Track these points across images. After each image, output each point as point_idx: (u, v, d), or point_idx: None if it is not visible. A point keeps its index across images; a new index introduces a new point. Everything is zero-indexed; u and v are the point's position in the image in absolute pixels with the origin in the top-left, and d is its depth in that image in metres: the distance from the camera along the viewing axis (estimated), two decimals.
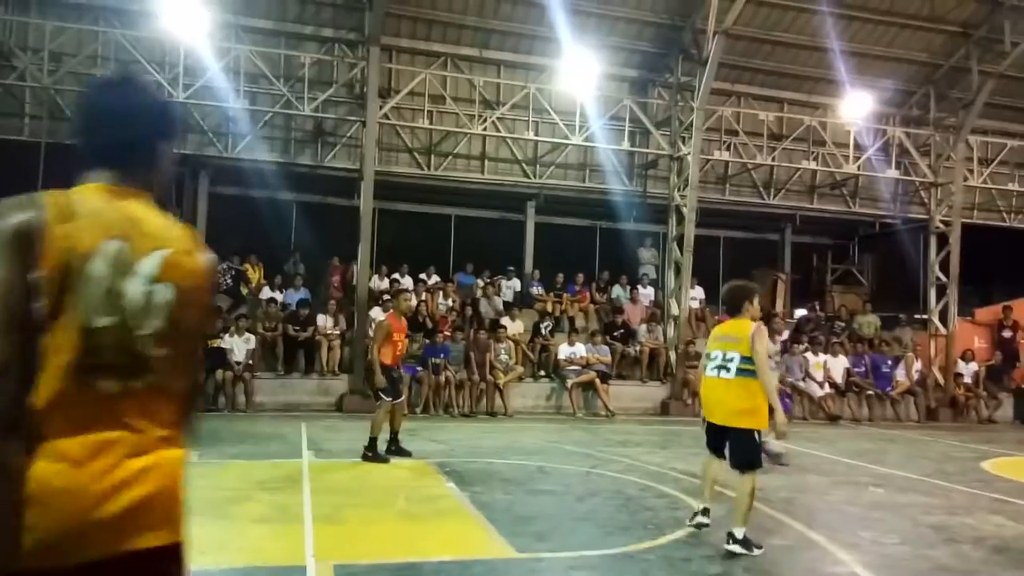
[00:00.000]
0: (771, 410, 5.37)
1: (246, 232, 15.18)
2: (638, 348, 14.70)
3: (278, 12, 14.44)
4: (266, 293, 14.01)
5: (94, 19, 13.60)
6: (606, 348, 14.14)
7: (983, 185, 17.08)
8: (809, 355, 14.89)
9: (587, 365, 13.68)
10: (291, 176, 15.13)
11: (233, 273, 14.21)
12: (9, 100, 13.60)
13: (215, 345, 12.10)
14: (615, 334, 14.76)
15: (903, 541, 5.85)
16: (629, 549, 5.24)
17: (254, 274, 14.60)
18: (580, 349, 13.82)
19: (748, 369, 5.31)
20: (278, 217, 15.68)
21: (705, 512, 5.77)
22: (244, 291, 14.21)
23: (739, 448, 5.40)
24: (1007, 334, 16.47)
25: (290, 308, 13.61)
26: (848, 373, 14.82)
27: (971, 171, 16.76)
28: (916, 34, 15.78)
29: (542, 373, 14.14)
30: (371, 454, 8.15)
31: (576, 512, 6.32)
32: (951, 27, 15.63)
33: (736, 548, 5.18)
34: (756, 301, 5.80)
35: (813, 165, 16.47)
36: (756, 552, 5.19)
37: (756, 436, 5.40)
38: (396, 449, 8.45)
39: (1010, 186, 17.35)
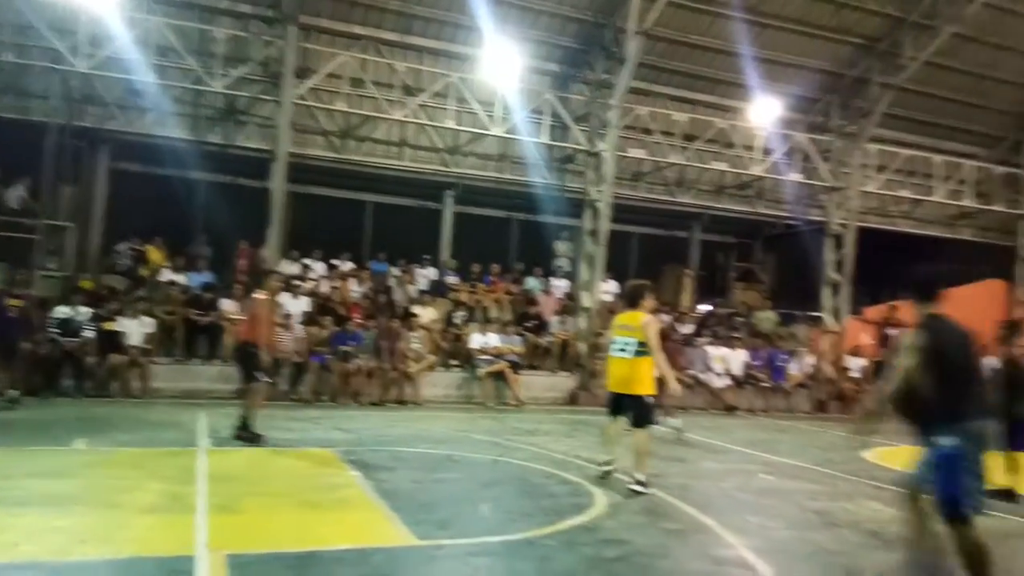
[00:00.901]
0: (662, 382, 7.08)
1: (149, 211, 14.50)
2: (550, 339, 14.90)
3: None
4: (167, 275, 13.42)
5: None
6: (518, 338, 14.27)
7: (878, 191, 18.07)
8: (710, 348, 15.45)
9: (499, 355, 13.76)
10: (200, 155, 14.52)
11: (132, 254, 13.59)
12: None
13: (108, 328, 11.56)
14: (528, 325, 14.91)
15: (788, 525, 6.17)
16: (530, 535, 5.32)
17: (155, 255, 13.98)
18: (493, 339, 13.89)
19: (642, 351, 6.82)
20: (184, 197, 15.07)
21: (608, 463, 7.22)
22: (144, 273, 13.60)
23: (635, 410, 6.95)
24: (892, 332, 17.52)
25: (193, 291, 13.12)
26: (746, 366, 15.46)
27: (868, 177, 17.71)
28: (823, 44, 16.53)
29: (454, 362, 14.14)
30: (246, 434, 8.26)
31: (480, 499, 6.38)
32: (856, 39, 16.45)
33: (637, 487, 6.68)
34: (650, 297, 7.31)
35: (722, 166, 17.03)
36: (649, 492, 6.68)
37: (646, 400, 6.95)
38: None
39: (901, 192, 18.41)
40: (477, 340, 13.82)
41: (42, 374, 11.03)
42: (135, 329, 11.71)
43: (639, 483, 6.70)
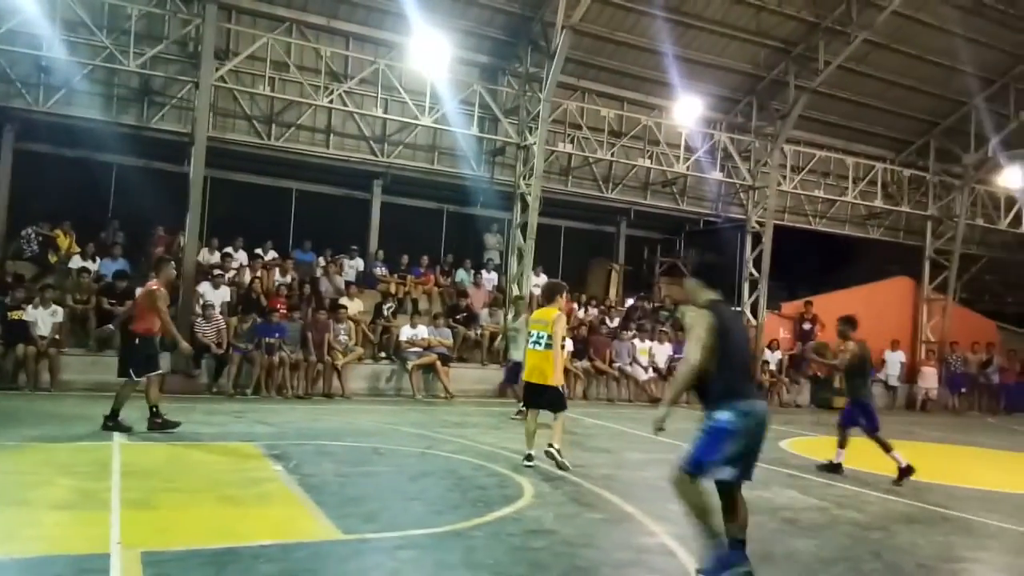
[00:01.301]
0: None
1: (58, 195, 13.76)
2: (480, 331, 14.92)
3: None
4: (77, 262, 12.78)
5: None
6: (448, 331, 14.23)
7: (793, 191, 18.78)
8: (636, 341, 15.80)
9: (428, 347, 13.70)
10: (113, 136, 13.83)
11: (40, 239, 12.89)
12: None
13: (16, 317, 10.94)
14: (458, 317, 14.90)
15: None
16: (457, 527, 5.33)
17: (64, 241, 13.30)
18: (422, 331, 13.81)
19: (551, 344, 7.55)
20: (96, 180, 14.39)
21: (530, 457, 7.64)
22: (52, 259, 12.92)
23: (552, 398, 7.71)
24: (807, 326, 18.30)
25: (106, 279, 12.54)
26: (671, 359, 15.85)
27: (784, 177, 18.38)
28: (743, 46, 17.04)
29: (383, 355, 14.00)
30: (160, 421, 8.27)
31: (407, 492, 6.33)
32: (774, 42, 17.02)
33: (556, 454, 7.55)
34: (565, 297, 8.32)
35: (647, 163, 17.36)
36: (566, 463, 7.49)
37: (560, 389, 7.76)
38: (113, 420, 8.22)
39: (816, 193, 19.21)
40: (406, 332, 13.71)
41: None
42: (44, 318, 11.13)
43: (556, 450, 7.57)
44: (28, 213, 13.34)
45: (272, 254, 15.14)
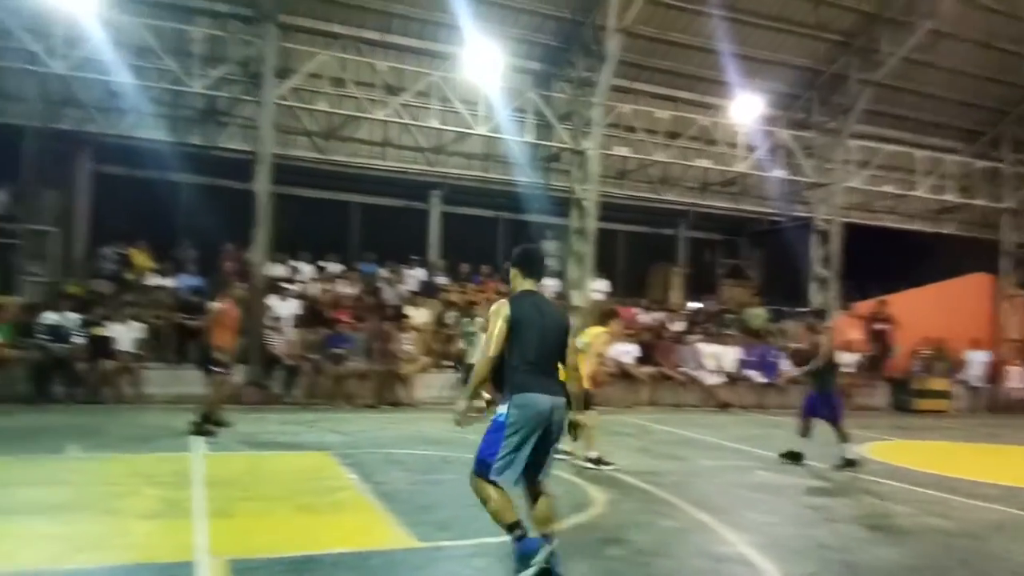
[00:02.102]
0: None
1: (133, 215, 14.33)
2: None
3: None
4: (153, 279, 13.27)
5: None
6: None
7: (861, 187, 18.24)
8: (702, 345, 15.53)
9: None
10: (182, 156, 14.34)
11: (118, 258, 13.42)
12: None
13: (98, 334, 11.42)
14: None
15: (787, 521, 6.20)
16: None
17: (140, 259, 13.81)
18: (484, 339, 13.81)
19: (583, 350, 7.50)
20: (167, 199, 14.90)
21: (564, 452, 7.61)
22: (130, 277, 13.43)
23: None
24: (881, 326, 17.69)
25: (181, 295, 12.98)
26: (738, 363, 15.53)
27: (850, 173, 17.85)
28: (802, 41, 16.65)
29: (447, 363, 14.10)
30: (207, 426, 8.81)
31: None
32: (833, 36, 16.58)
33: (590, 465, 7.66)
34: (616, 322, 8.50)
35: (706, 163, 17.10)
36: (605, 468, 7.59)
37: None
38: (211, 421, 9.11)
39: (885, 188, 18.58)
40: None
41: (33, 381, 10.89)
42: (125, 334, 11.61)
43: (591, 460, 7.74)
44: (106, 233, 13.92)
45: (337, 266, 15.43)
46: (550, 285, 16.47)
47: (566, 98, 16.05)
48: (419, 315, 14.16)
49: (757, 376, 15.59)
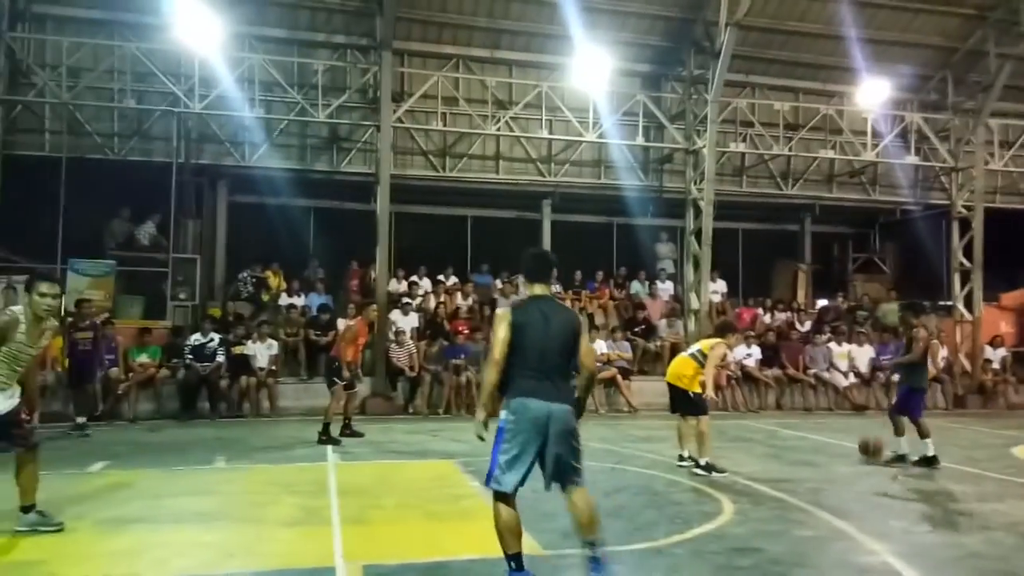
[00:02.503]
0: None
1: (265, 239, 15.30)
2: (659, 343, 14.64)
3: (290, 20, 14.55)
4: (285, 299, 14.09)
5: (109, 34, 13.78)
6: (627, 344, 14.11)
7: (1004, 168, 16.82)
8: (833, 345, 14.77)
9: (608, 361, 13.65)
10: (308, 182, 15.22)
11: (254, 281, 14.32)
12: (29, 116, 13.82)
13: (238, 352, 12.22)
14: (635, 330, 14.73)
15: (935, 529, 5.79)
16: (657, 544, 5.22)
17: (274, 281, 14.70)
18: (601, 346, 13.79)
19: (698, 358, 8.02)
20: (296, 223, 15.78)
21: (681, 457, 8.07)
22: (265, 298, 14.31)
23: (684, 402, 8.07)
24: None
25: (311, 313, 13.69)
26: (874, 362, 14.65)
27: (992, 155, 16.53)
28: (931, 18, 15.60)
29: None
30: (325, 437, 9.35)
31: (602, 508, 6.22)
32: (967, 10, 15.44)
33: (701, 472, 7.58)
34: (734, 336, 8.66)
35: (831, 154, 16.33)
36: (716, 475, 7.47)
37: (692, 395, 7.99)
38: (350, 432, 9.86)
39: None
40: None
41: (180, 398, 11.81)
42: (262, 352, 12.36)
43: (700, 467, 7.68)
44: (242, 258, 14.90)
45: (453, 279, 15.81)
46: (664, 289, 16.21)
47: (677, 98, 15.78)
48: None
49: (895, 376, 14.61)
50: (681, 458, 8.07)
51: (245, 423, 11.48)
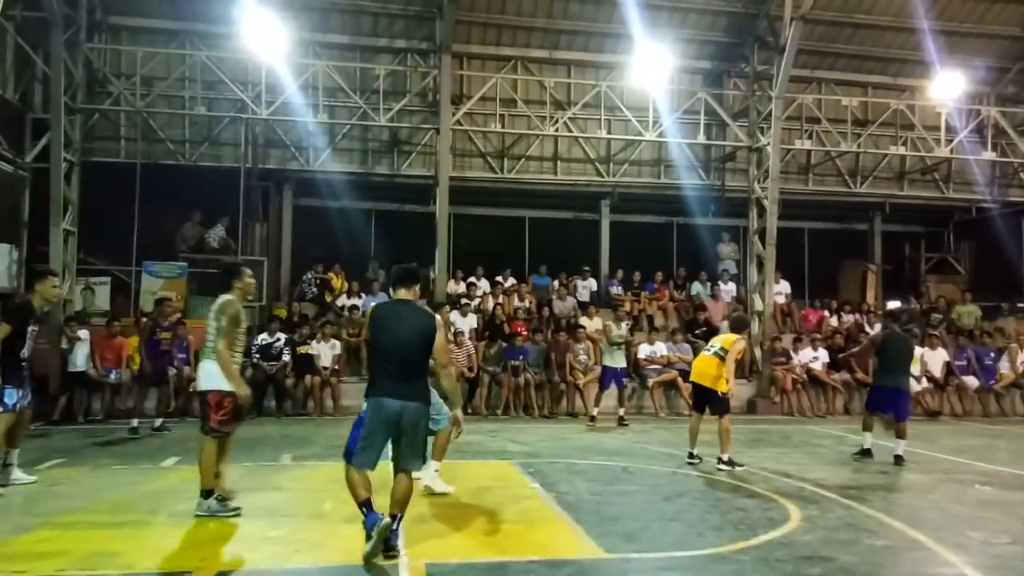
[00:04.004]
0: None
1: (328, 241, 15.62)
2: None
3: (353, 27, 14.82)
4: (347, 300, 14.34)
5: (181, 43, 14.28)
6: (688, 346, 13.88)
7: None
8: None
9: (668, 364, 13.47)
10: (369, 185, 15.49)
11: (318, 282, 14.63)
12: (106, 124, 14.44)
13: (303, 352, 12.49)
14: (696, 332, 14.47)
15: (1016, 540, 5.52)
16: (722, 550, 5.11)
17: (337, 282, 14.98)
18: (661, 348, 13.62)
19: (721, 355, 8.21)
20: (357, 226, 16.07)
21: (691, 455, 8.38)
22: (328, 299, 14.59)
23: (712, 401, 8.27)
24: None
25: None
26: (948, 367, 14.08)
27: None
28: (1007, 8, 14.95)
29: None
30: None
31: (664, 512, 6.22)
32: None
33: (724, 467, 7.89)
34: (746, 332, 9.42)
35: (902, 150, 15.79)
36: (738, 469, 7.86)
37: (721, 395, 8.19)
38: None
39: None
40: (645, 350, 13.60)
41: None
42: (325, 351, 12.61)
43: (724, 463, 7.95)
44: (306, 260, 15.25)
45: (511, 280, 15.83)
46: (727, 290, 15.89)
47: (740, 95, 15.48)
48: (593, 324, 14.17)
49: (970, 380, 14.04)
50: (691, 456, 8.34)
51: (310, 421, 11.73)
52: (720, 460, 8.01)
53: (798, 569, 4.77)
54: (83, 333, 11.56)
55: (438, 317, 5.27)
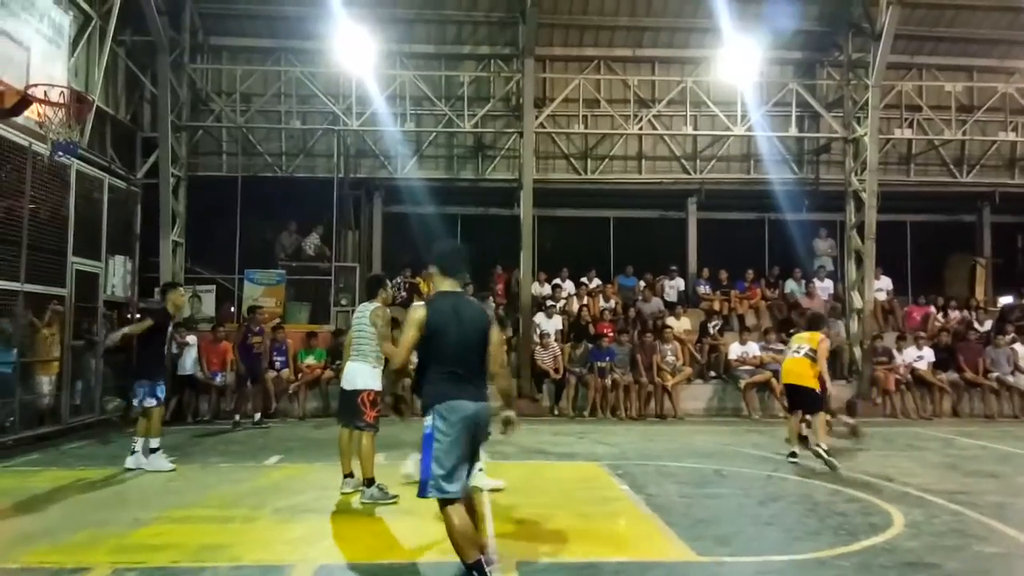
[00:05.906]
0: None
1: (416, 247, 15.96)
2: None
3: (437, 35, 15.13)
4: None
5: (277, 60, 14.95)
6: (781, 346, 13.43)
7: None
8: (1018, 346, 13.39)
9: (761, 364, 13.11)
10: (454, 191, 15.76)
11: (407, 286, 14.98)
12: (209, 140, 15.25)
13: None
14: (791, 331, 13.98)
15: None
16: (820, 555, 4.95)
17: (425, 287, 15.28)
18: (753, 348, 13.27)
19: (811, 355, 8.25)
20: (443, 231, 16.36)
21: (793, 454, 8.39)
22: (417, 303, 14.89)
23: (807, 399, 8.25)
24: None
25: None
26: None
27: None
28: None
29: (712, 374, 13.71)
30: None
31: (759, 516, 6.07)
32: None
33: (822, 452, 7.82)
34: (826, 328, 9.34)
35: (1012, 136, 14.85)
36: (832, 461, 7.73)
37: (815, 392, 8.17)
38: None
39: None
40: (736, 350, 13.29)
41: None
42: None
43: (822, 448, 7.87)
44: (396, 265, 15.65)
45: (596, 281, 15.75)
46: (823, 287, 15.32)
47: (833, 84, 14.93)
48: (680, 324, 13.94)
49: None
50: (793, 455, 8.37)
51: (397, 422, 11.98)
52: (794, 454, 8.26)
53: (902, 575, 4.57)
54: (191, 338, 12.27)
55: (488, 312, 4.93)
